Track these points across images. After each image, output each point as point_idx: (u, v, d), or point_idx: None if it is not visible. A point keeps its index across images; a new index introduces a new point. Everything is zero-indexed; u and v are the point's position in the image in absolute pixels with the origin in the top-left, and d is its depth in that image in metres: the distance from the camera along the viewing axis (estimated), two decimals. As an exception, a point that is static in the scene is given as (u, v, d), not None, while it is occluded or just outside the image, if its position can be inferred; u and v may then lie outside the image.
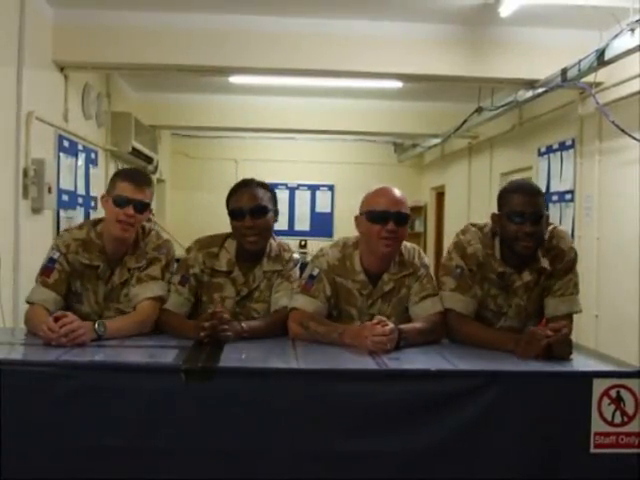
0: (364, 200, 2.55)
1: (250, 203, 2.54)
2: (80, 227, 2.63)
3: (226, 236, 2.64)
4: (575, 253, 2.52)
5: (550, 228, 2.51)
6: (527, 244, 2.38)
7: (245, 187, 2.59)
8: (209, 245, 2.62)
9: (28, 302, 2.51)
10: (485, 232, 2.52)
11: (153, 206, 2.64)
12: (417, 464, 1.95)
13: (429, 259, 2.66)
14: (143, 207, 2.50)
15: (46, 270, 2.52)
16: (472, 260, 2.48)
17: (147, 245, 2.59)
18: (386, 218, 2.43)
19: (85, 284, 2.56)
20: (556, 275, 2.48)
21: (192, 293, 2.58)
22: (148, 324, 2.48)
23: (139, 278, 2.54)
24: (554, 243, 2.49)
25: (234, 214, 2.55)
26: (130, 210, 2.46)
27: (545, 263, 2.46)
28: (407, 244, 2.62)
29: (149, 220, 2.67)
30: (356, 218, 2.56)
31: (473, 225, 2.57)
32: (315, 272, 2.54)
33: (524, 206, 2.37)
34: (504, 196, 2.46)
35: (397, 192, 2.51)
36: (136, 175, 2.59)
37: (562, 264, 2.48)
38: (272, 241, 2.64)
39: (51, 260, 2.53)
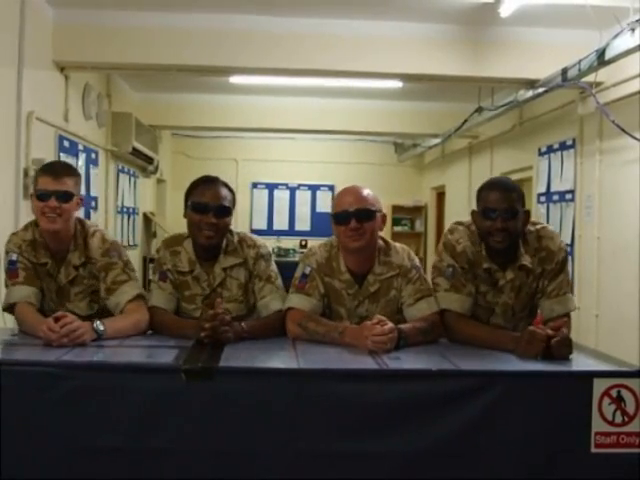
0: (332, 203, 2.56)
1: (215, 201, 2.52)
2: (25, 228, 2.64)
3: (187, 235, 2.63)
4: (565, 252, 2.53)
5: (538, 227, 2.51)
6: (499, 239, 2.40)
7: (210, 183, 2.58)
8: (173, 244, 2.63)
9: (6, 306, 2.52)
10: (472, 230, 2.53)
11: (153, 206, 2.64)
12: (417, 464, 1.95)
13: (429, 259, 2.66)
14: (66, 197, 2.50)
15: (11, 272, 2.53)
16: (462, 258, 2.49)
17: (93, 250, 2.58)
18: (347, 217, 2.44)
19: (41, 282, 2.58)
20: (547, 276, 2.48)
21: (174, 287, 2.59)
22: (144, 322, 2.49)
23: (107, 289, 2.54)
24: (543, 244, 2.49)
25: (197, 208, 2.52)
26: (53, 202, 2.47)
27: (527, 261, 2.46)
28: (397, 245, 2.62)
29: (148, 219, 2.67)
30: (331, 222, 2.56)
31: (460, 224, 2.58)
32: (307, 270, 2.55)
33: (497, 202, 2.39)
34: (479, 193, 2.49)
35: (359, 190, 2.51)
36: (54, 167, 2.61)
37: (552, 265, 2.48)
38: (229, 235, 2.62)
39: (11, 262, 2.54)
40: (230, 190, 2.61)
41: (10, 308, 2.53)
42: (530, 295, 2.52)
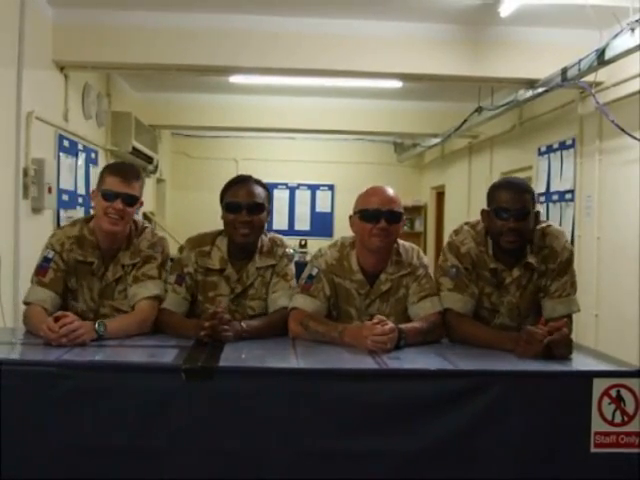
0: (357, 200, 2.57)
1: (248, 199, 2.55)
2: (73, 224, 2.63)
3: (217, 234, 2.64)
4: (570, 252, 2.52)
5: (543, 226, 2.51)
6: (511, 239, 2.40)
7: (243, 182, 2.61)
8: (201, 244, 2.63)
9: (25, 302, 2.51)
10: (478, 230, 2.54)
11: (153, 206, 2.65)
12: (417, 464, 1.95)
13: (429, 259, 2.67)
14: (132, 200, 2.51)
15: (41, 270, 2.52)
16: (466, 259, 2.50)
17: (141, 242, 2.59)
18: (378, 216, 2.45)
19: (80, 281, 2.56)
20: (551, 275, 2.48)
21: (189, 292, 2.58)
22: (147, 324, 2.48)
23: (136, 277, 2.54)
24: (547, 242, 2.49)
25: (230, 207, 2.55)
26: (119, 204, 2.47)
27: (532, 259, 2.46)
28: (406, 244, 2.63)
29: (148, 219, 2.68)
30: (350, 218, 2.58)
31: (466, 224, 2.59)
32: (314, 272, 2.56)
33: (510, 202, 2.39)
34: (492, 192, 2.49)
35: (389, 191, 2.53)
36: (124, 169, 2.59)
37: (555, 264, 2.48)
38: (263, 236, 2.64)
39: (46, 259, 2.53)
40: (264, 187, 2.63)
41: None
42: (535, 293, 2.51)
